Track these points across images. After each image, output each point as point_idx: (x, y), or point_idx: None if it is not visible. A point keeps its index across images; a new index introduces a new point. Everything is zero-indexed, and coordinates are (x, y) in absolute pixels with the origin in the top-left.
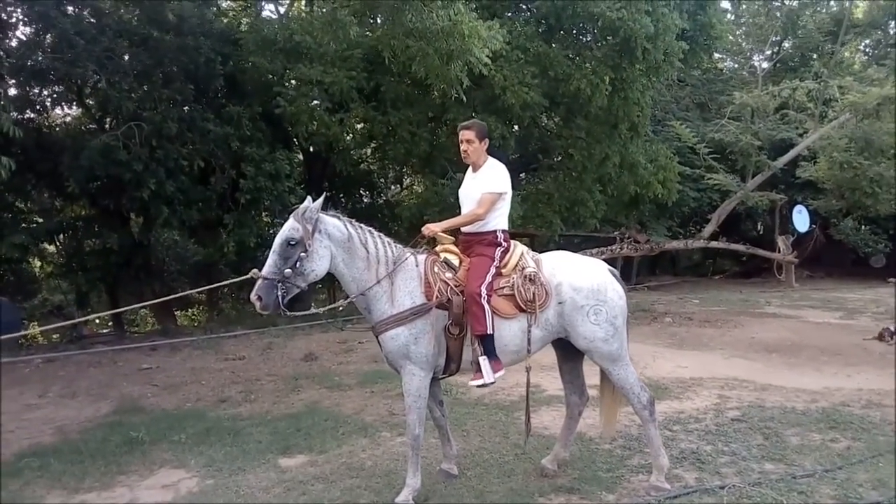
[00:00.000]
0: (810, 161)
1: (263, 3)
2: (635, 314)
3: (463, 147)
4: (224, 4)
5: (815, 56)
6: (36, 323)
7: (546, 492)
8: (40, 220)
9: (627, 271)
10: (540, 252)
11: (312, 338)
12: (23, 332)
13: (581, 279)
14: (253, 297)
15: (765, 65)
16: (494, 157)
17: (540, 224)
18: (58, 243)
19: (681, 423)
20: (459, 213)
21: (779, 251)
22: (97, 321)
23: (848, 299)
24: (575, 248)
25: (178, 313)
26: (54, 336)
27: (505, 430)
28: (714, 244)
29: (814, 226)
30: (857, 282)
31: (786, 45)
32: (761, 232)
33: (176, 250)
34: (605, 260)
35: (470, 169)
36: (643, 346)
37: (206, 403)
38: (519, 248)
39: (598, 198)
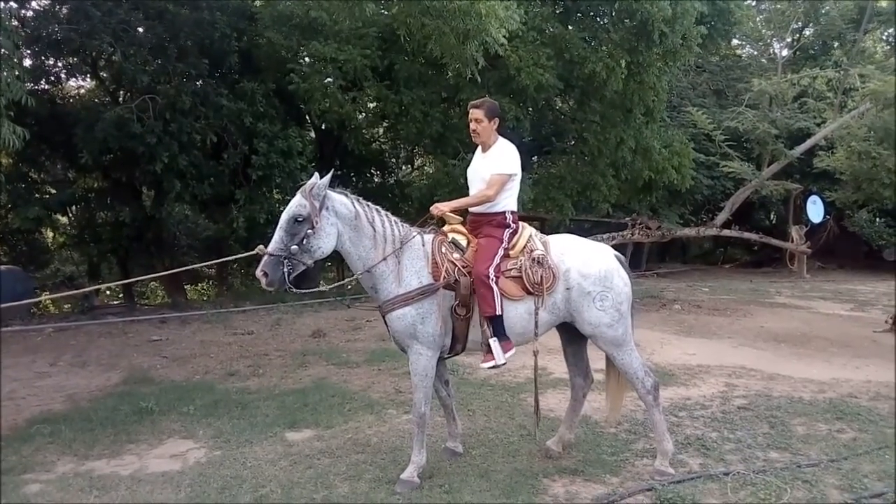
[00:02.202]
0: (827, 151)
1: None
2: (644, 300)
3: (472, 126)
4: None
5: (836, 44)
6: (48, 292)
7: (550, 473)
8: (53, 192)
9: (637, 258)
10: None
11: (321, 315)
12: (34, 300)
13: (589, 265)
14: (258, 272)
15: (784, 52)
16: (505, 137)
17: (551, 207)
18: (70, 215)
19: (687, 409)
20: (468, 194)
21: (792, 241)
22: (108, 292)
23: (859, 291)
24: (585, 233)
25: (187, 287)
26: (65, 306)
27: (510, 410)
28: (726, 232)
29: (828, 217)
30: (869, 274)
31: (806, 32)
32: (774, 221)
33: (187, 225)
34: (615, 245)
35: (479, 149)
36: (651, 333)
37: (215, 376)
38: (527, 230)
39: (612, 182)
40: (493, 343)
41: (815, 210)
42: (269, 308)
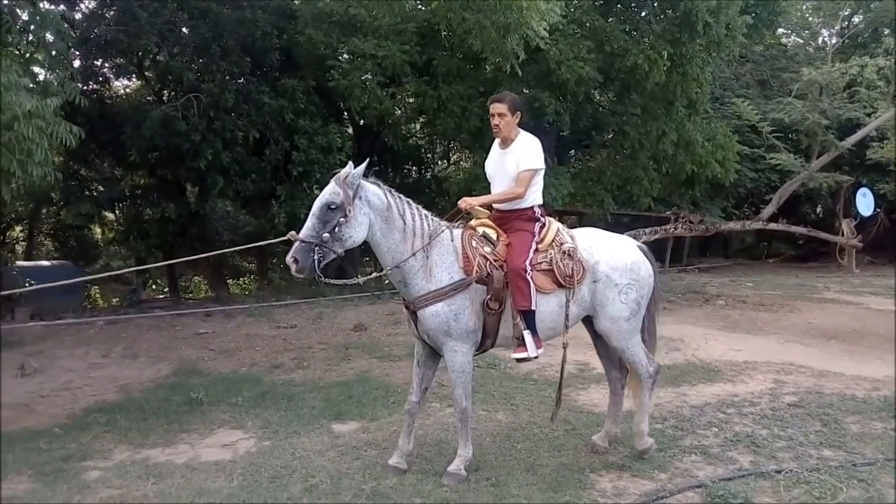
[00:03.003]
0: (880, 142)
1: None
2: (686, 295)
3: (495, 121)
4: None
5: (886, 32)
6: (97, 287)
7: (597, 468)
8: (102, 189)
9: (678, 252)
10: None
11: (361, 309)
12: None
13: (617, 258)
14: (289, 259)
15: (833, 40)
16: (530, 131)
17: (591, 202)
18: (116, 211)
19: (735, 405)
20: (489, 189)
21: (842, 235)
22: (153, 287)
23: None
24: (624, 227)
25: (229, 282)
26: (114, 300)
27: (554, 405)
28: (773, 226)
29: (878, 209)
30: None
31: (855, 19)
32: (821, 215)
33: (228, 220)
34: (657, 240)
35: (497, 144)
36: (695, 328)
37: (261, 369)
38: (554, 224)
39: (653, 176)
40: (528, 335)
41: (865, 203)
42: (310, 302)
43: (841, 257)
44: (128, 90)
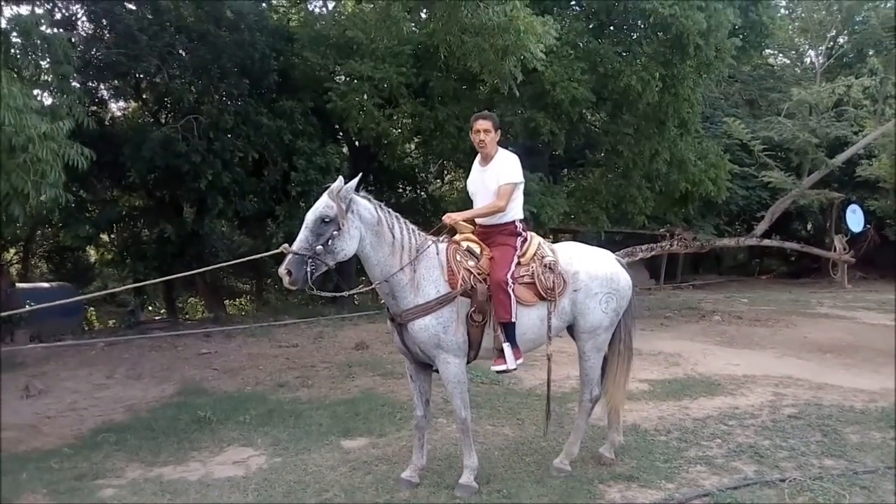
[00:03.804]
0: (867, 159)
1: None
2: (682, 312)
3: (480, 137)
4: (275, 1)
5: (871, 52)
6: (93, 309)
7: (605, 479)
8: (100, 210)
9: (672, 269)
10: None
11: (361, 328)
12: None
13: (597, 267)
14: (282, 271)
15: (820, 60)
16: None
17: (586, 220)
18: (112, 233)
19: (736, 418)
20: (472, 206)
21: (835, 250)
22: (149, 309)
23: None
24: (618, 245)
25: (226, 303)
26: (110, 322)
27: (559, 420)
28: (766, 242)
29: (868, 226)
30: None
31: (840, 40)
32: (811, 231)
33: (223, 241)
34: (653, 257)
35: (477, 162)
36: (692, 344)
37: (266, 387)
38: (536, 239)
39: (647, 194)
40: (507, 347)
41: (855, 219)
42: (309, 322)
43: (834, 273)
44: (125, 112)
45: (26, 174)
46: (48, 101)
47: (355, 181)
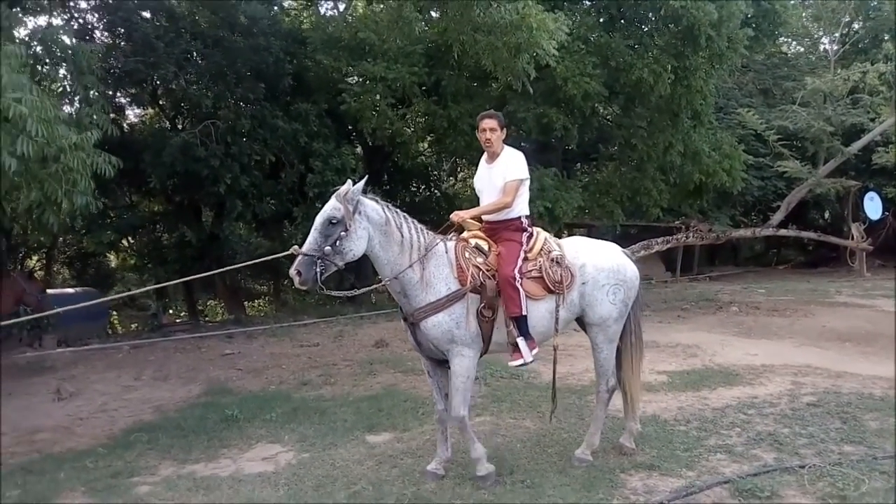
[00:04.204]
0: (883, 146)
1: (323, 1)
2: (699, 303)
3: (486, 136)
4: (286, 4)
5: (886, 37)
6: (115, 313)
7: (626, 468)
8: (123, 217)
9: (688, 261)
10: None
11: (380, 326)
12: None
13: (603, 260)
14: (292, 271)
15: (834, 47)
16: (514, 146)
17: (601, 214)
18: (129, 239)
19: (755, 406)
20: (479, 203)
21: (852, 239)
22: (170, 312)
23: None
24: (633, 238)
25: (245, 304)
26: (132, 326)
27: (579, 412)
28: (783, 232)
29: (886, 213)
30: None
31: (855, 26)
32: (829, 220)
33: (241, 243)
34: (669, 249)
35: (484, 160)
36: (710, 335)
37: (290, 386)
38: (542, 234)
39: (662, 187)
40: (521, 342)
41: (873, 207)
42: (329, 321)
43: (852, 261)
44: (143, 119)
45: (58, 183)
46: (68, 109)
47: (361, 183)
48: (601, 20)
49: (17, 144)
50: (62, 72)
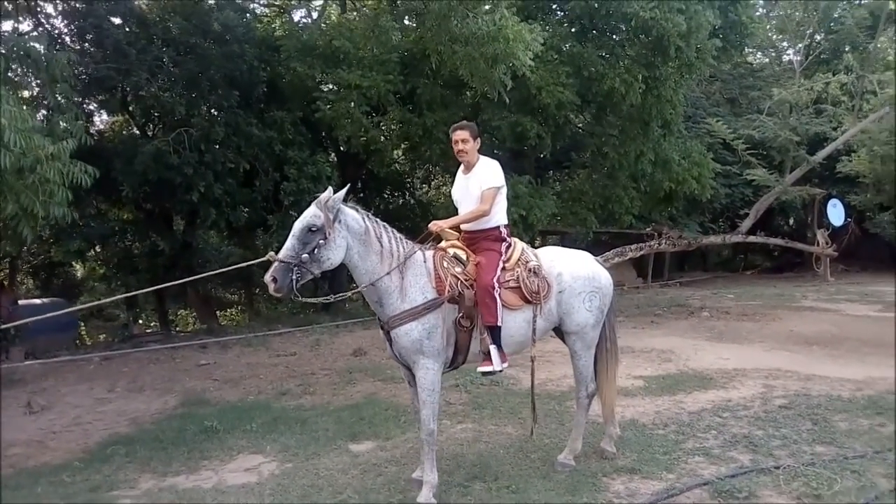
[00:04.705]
0: (847, 155)
1: (296, 9)
2: (671, 309)
3: (459, 147)
4: (259, 11)
5: (847, 49)
6: (83, 324)
7: (608, 472)
8: (91, 225)
9: (659, 267)
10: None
11: (356, 334)
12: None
13: (578, 268)
14: (268, 278)
15: (798, 58)
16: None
17: (574, 221)
18: (96, 249)
19: (729, 409)
20: (456, 214)
21: (817, 245)
22: (140, 322)
23: (886, 293)
24: (605, 245)
25: (218, 314)
26: (100, 337)
27: (559, 417)
28: (752, 238)
29: (849, 219)
30: (893, 275)
31: (817, 38)
32: (794, 226)
33: (211, 251)
34: (641, 256)
35: (461, 171)
36: (683, 340)
37: (268, 396)
38: (519, 244)
39: (633, 194)
40: (493, 350)
41: (836, 213)
42: (304, 330)
43: (817, 266)
44: (112, 126)
45: (35, 194)
46: (39, 117)
47: (343, 192)
48: (573, 30)
49: None
50: (33, 81)
